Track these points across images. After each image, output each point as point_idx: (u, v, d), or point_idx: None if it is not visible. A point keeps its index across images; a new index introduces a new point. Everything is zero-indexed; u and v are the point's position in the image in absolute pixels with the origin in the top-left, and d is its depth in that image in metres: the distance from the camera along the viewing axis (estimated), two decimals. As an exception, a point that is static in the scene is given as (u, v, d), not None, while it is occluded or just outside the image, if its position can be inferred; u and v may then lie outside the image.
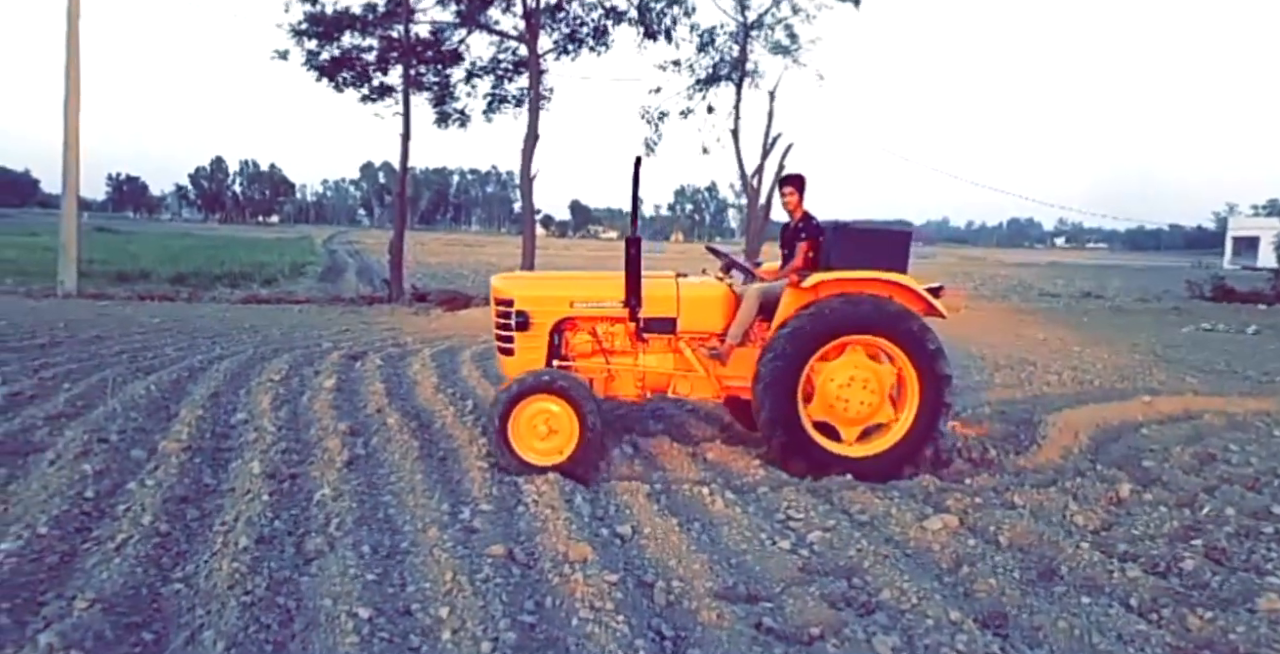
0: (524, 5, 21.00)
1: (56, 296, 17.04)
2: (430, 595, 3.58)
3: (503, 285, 6.15)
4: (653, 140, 24.43)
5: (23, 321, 12.24)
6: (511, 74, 22.60)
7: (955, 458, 6.41)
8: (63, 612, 3.24)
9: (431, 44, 21.77)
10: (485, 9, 21.35)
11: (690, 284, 6.24)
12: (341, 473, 5.22)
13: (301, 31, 20.29)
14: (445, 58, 22.01)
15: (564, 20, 21.59)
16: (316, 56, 20.65)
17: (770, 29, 23.57)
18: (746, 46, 23.62)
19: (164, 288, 19.92)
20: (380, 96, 21.80)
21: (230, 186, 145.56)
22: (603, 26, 21.59)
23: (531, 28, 21.01)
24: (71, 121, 17.40)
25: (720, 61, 23.83)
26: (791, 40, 23.52)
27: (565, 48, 21.84)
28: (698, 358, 6.12)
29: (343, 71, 21.09)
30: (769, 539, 4.36)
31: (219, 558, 3.84)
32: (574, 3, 21.29)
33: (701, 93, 24.14)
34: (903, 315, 5.73)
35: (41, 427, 5.95)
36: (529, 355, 5.96)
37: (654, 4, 21.55)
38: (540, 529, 4.43)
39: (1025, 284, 34.67)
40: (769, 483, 5.45)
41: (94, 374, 8.03)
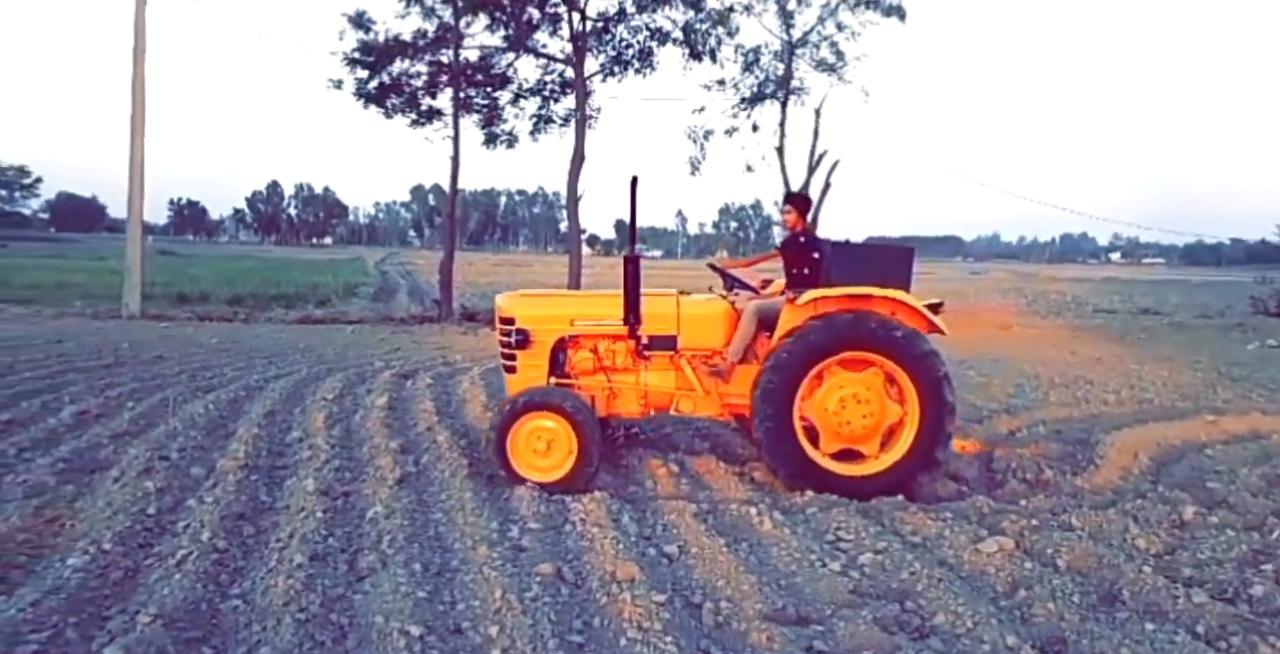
0: (571, 29, 21.32)
1: (121, 318, 17.62)
2: (480, 614, 3.61)
3: (505, 304, 6.25)
4: (697, 159, 24.53)
5: (89, 343, 12.69)
6: (558, 95, 22.91)
7: (1010, 479, 6.28)
8: (127, 626, 3.33)
9: (480, 68, 22.18)
10: (533, 33, 21.71)
11: (691, 301, 6.27)
12: (393, 490, 5.30)
13: (354, 60, 20.84)
14: (493, 81, 22.40)
15: (610, 43, 21.85)
16: (366, 85, 21.16)
17: (815, 47, 23.59)
18: (791, 65, 23.66)
19: (222, 309, 20.47)
20: (429, 120, 22.24)
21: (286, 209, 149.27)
22: (648, 48, 21.81)
23: (578, 51, 21.30)
24: (137, 150, 18.06)
25: (765, 80, 23.88)
26: (837, 57, 23.51)
27: (611, 70, 22.08)
28: (698, 375, 6.14)
29: (391, 97, 21.58)
30: (819, 560, 4.31)
31: (275, 574, 3.91)
32: (620, 26, 21.55)
33: (746, 111, 24.21)
34: (895, 331, 5.65)
35: (107, 445, 6.14)
36: (530, 373, 6.04)
37: (699, 25, 21.71)
38: (588, 548, 4.44)
39: (1079, 300, 33.90)
40: (818, 503, 5.38)
41: (156, 393, 8.28)
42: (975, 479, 6.35)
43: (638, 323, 5.99)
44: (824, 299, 5.74)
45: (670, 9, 21.18)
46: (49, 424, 6.72)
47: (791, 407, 5.65)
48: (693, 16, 21.57)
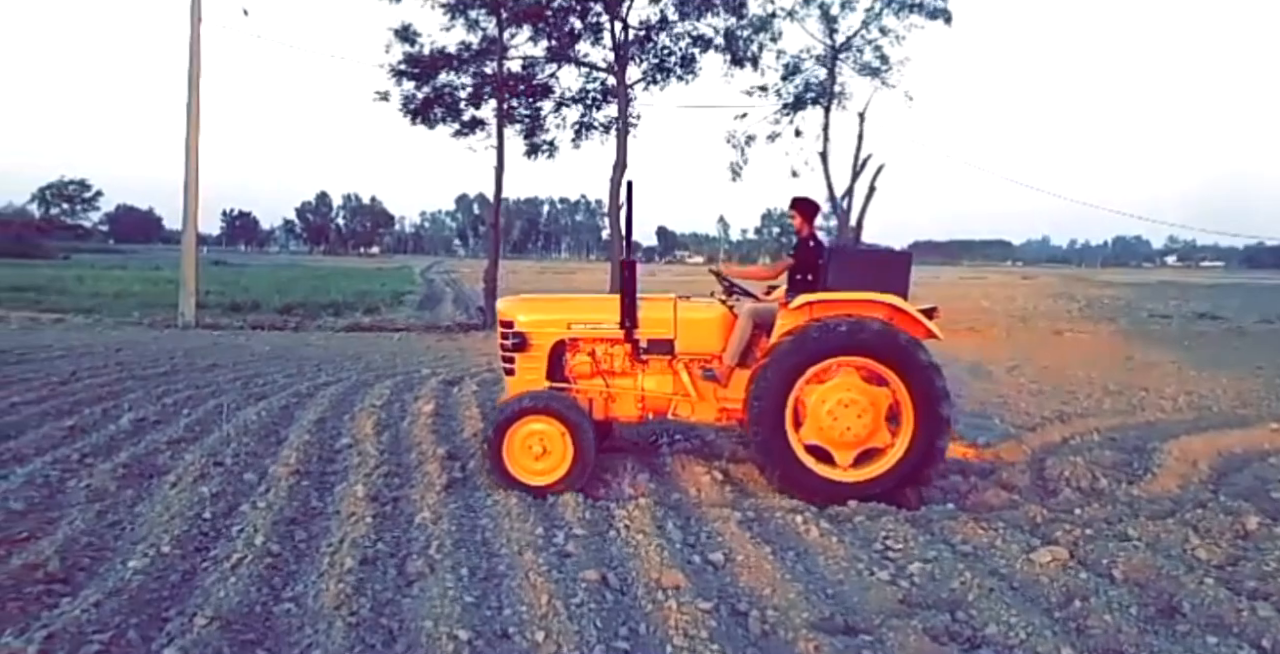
0: (613, 38, 21.46)
1: (176, 327, 18.09)
2: (527, 619, 3.63)
3: (505, 307, 6.31)
4: (739, 164, 24.50)
5: (146, 351, 13.05)
6: (599, 103, 23.04)
7: (1063, 487, 6.14)
8: (184, 628, 3.41)
9: (523, 78, 22.40)
10: (575, 43, 21.89)
11: (688, 306, 6.26)
12: (440, 496, 5.36)
13: (400, 72, 21.18)
14: (536, 91, 22.61)
15: (652, 51, 21.94)
16: (412, 100, 21.47)
17: (859, 51, 23.45)
18: (835, 69, 23.52)
19: (273, 317, 20.90)
20: (472, 131, 22.51)
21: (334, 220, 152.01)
22: (690, 55, 21.86)
23: (620, 59, 21.42)
24: (192, 165, 18.55)
25: (807, 85, 23.77)
26: (881, 61, 23.35)
27: (653, 77, 22.16)
28: (694, 380, 6.12)
29: (435, 108, 21.87)
30: (866, 569, 4.25)
31: (326, 578, 3.98)
32: (662, 33, 21.63)
33: (789, 116, 24.13)
34: (891, 336, 5.57)
35: (164, 450, 6.30)
36: (529, 376, 6.09)
37: (741, 31, 21.70)
38: (633, 555, 4.45)
39: (1134, 305, 33.07)
40: (865, 512, 5.32)
41: (210, 400, 8.48)
42: (1027, 488, 6.22)
43: (634, 327, 6.02)
44: (818, 304, 5.71)
45: (712, 16, 21.22)
46: (109, 430, 6.92)
47: (784, 413, 5.60)
48: (734, 23, 21.59)
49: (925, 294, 28.34)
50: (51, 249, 66.80)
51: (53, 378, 9.64)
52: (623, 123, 21.57)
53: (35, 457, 6.02)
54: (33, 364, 10.93)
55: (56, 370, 10.29)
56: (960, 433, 8.03)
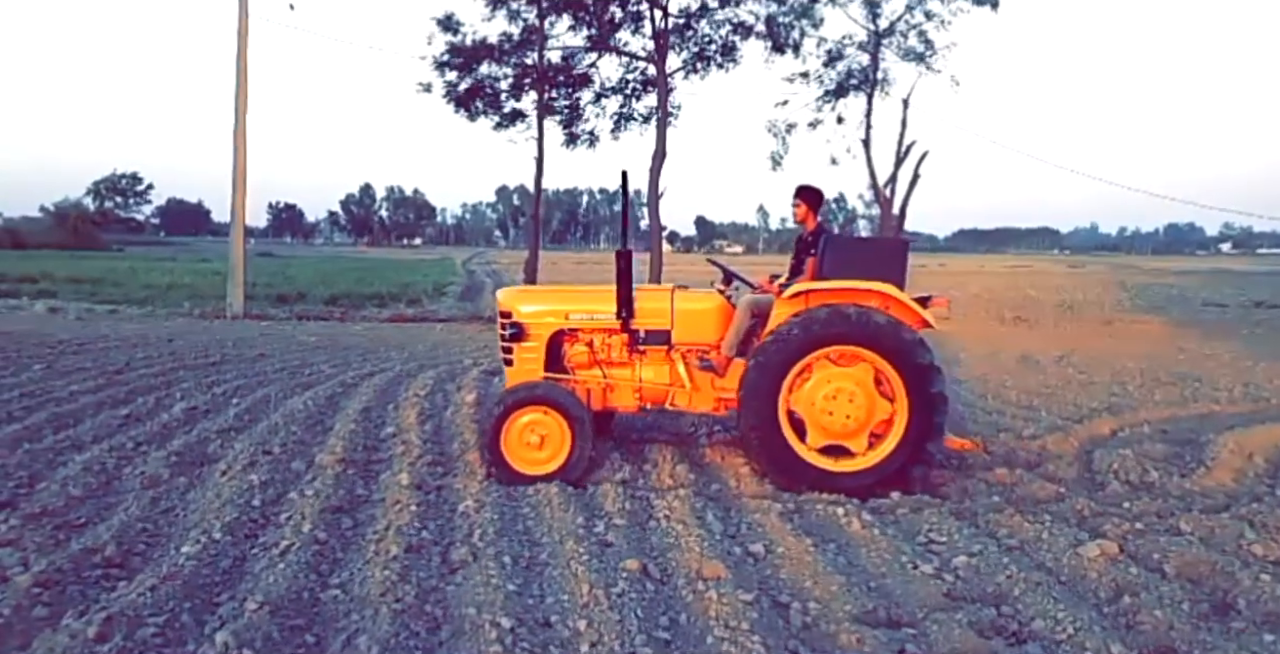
0: (653, 26, 21.37)
1: (225, 318, 18.49)
2: (569, 608, 3.65)
3: (503, 298, 6.32)
4: (779, 153, 24.28)
5: (197, 341, 13.36)
6: (639, 93, 22.98)
7: (1111, 480, 6.01)
8: (235, 612, 3.49)
9: (563, 69, 22.44)
10: (615, 32, 21.84)
11: (684, 296, 6.22)
12: (483, 485, 5.42)
13: (443, 63, 21.32)
14: (575, 81, 22.63)
15: (692, 39, 21.81)
16: (455, 87, 21.63)
17: (903, 36, 23.07)
18: (878, 55, 23.17)
19: (319, 308, 21.27)
20: (512, 122, 22.61)
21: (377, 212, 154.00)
22: (730, 43, 21.70)
23: (660, 48, 21.33)
24: (240, 158, 18.89)
25: (850, 72, 23.46)
26: (926, 47, 22.94)
27: (693, 66, 22.04)
28: (691, 370, 6.10)
29: (476, 100, 22.01)
30: (910, 562, 4.21)
31: (371, 566, 4.04)
32: (703, 21, 21.49)
33: (830, 104, 23.85)
34: (884, 325, 5.49)
35: (214, 439, 6.45)
36: (527, 366, 6.10)
37: (782, 18, 21.48)
38: (673, 545, 4.45)
39: (1187, 293, 32.23)
40: (908, 504, 5.27)
41: (258, 390, 8.65)
42: (1074, 480, 6.10)
43: (631, 317, 6.02)
44: (812, 293, 5.66)
45: (753, 2, 21.03)
46: (162, 419, 7.09)
47: (776, 403, 5.56)
48: (776, 9, 21.39)
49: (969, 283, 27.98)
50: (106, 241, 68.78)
51: (109, 367, 9.91)
52: (662, 113, 21.49)
53: (93, 444, 6.20)
54: (90, 354, 11.25)
55: (112, 360, 10.59)
56: (1007, 424, 7.91)
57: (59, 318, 17.69)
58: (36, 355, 10.76)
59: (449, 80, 21.69)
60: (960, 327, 19.82)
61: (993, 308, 25.08)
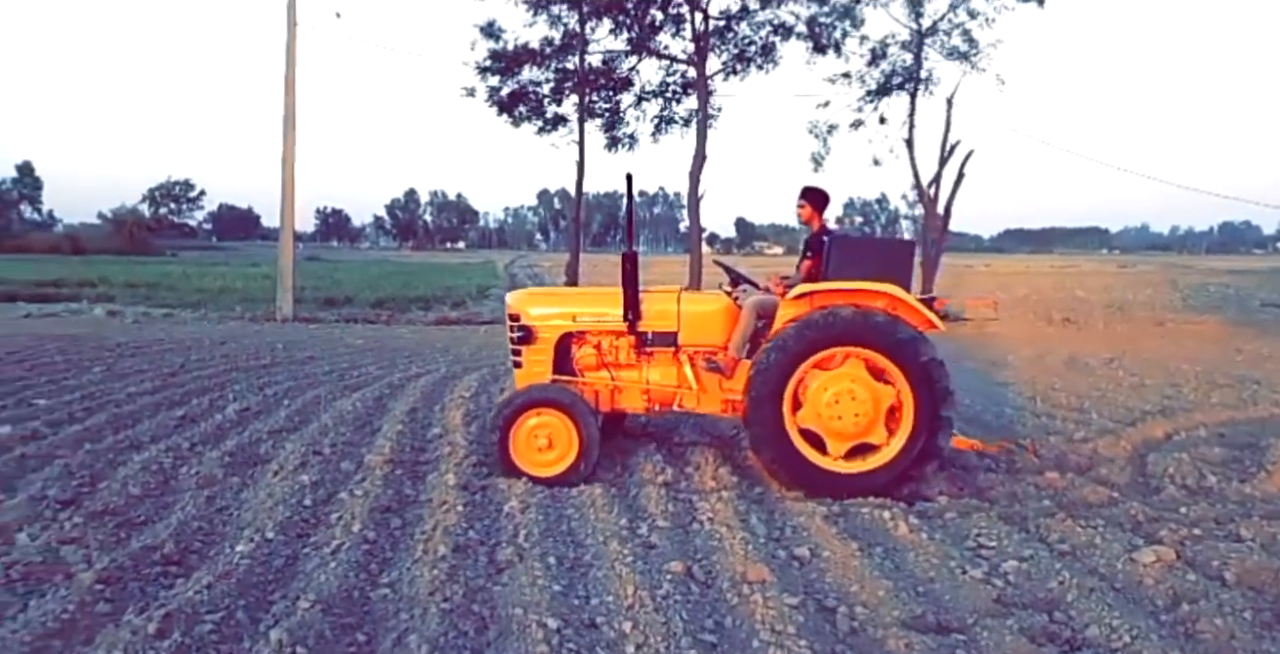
0: (693, 29, 21.38)
1: (275, 321, 18.86)
2: (614, 609, 3.67)
3: (512, 301, 6.35)
4: (820, 154, 24.12)
5: (249, 344, 13.66)
6: (679, 96, 23.00)
7: (1167, 485, 5.87)
8: (289, 610, 3.57)
9: (603, 72, 22.56)
10: (655, 35, 21.90)
11: (691, 298, 6.22)
12: (527, 486, 5.45)
13: (485, 68, 21.56)
14: (616, 85, 22.73)
15: (733, 40, 21.79)
16: (497, 92, 21.86)
17: (946, 35, 22.75)
18: (921, 54, 22.90)
19: (366, 311, 21.60)
20: (554, 127, 22.78)
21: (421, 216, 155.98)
22: (771, 44, 21.64)
23: (700, 50, 21.35)
24: (289, 166, 19.27)
25: (893, 71, 23.22)
26: (970, 45, 22.59)
27: (734, 68, 22.01)
28: (697, 372, 6.09)
29: (519, 105, 22.22)
30: (959, 567, 4.15)
31: (420, 565, 4.10)
32: (743, 22, 21.46)
33: (873, 104, 23.63)
34: (881, 324, 5.43)
35: (266, 440, 6.59)
36: (535, 368, 6.14)
37: (824, 18, 21.35)
38: (717, 548, 4.44)
39: (1243, 293, 31.30)
40: (956, 508, 5.20)
41: (308, 391, 8.82)
42: (1128, 485, 5.98)
43: (638, 319, 6.03)
44: (816, 294, 5.62)
45: (794, 3, 20.94)
46: (216, 420, 7.26)
47: (781, 405, 5.52)
48: (817, 9, 21.27)
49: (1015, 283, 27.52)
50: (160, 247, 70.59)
51: (164, 369, 10.18)
52: (702, 115, 21.49)
53: (150, 444, 6.37)
54: (146, 356, 11.56)
55: (167, 362, 10.87)
56: (1057, 428, 7.77)
57: (117, 321, 18.19)
58: (96, 358, 11.09)
59: (491, 85, 21.94)
60: (1007, 328, 19.51)
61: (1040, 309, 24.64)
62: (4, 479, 5.31)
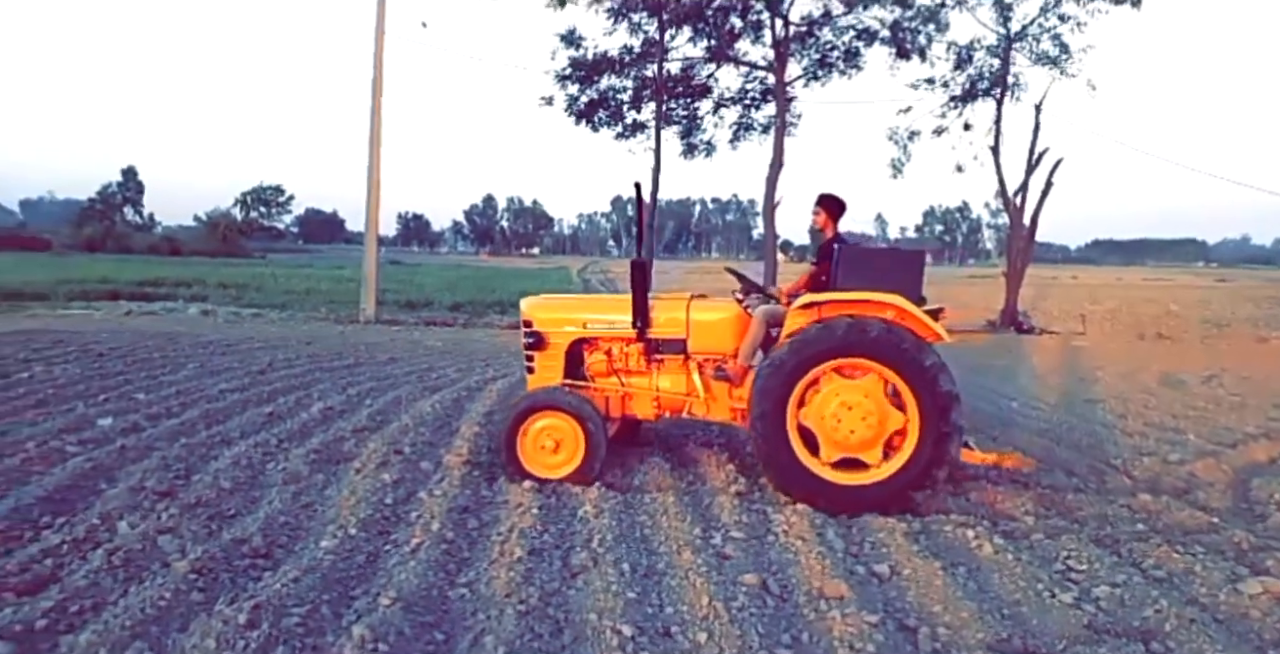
0: (773, 35, 21.27)
1: (359, 323, 19.40)
2: (688, 619, 3.65)
3: (525, 307, 6.41)
4: (900, 161, 23.70)
5: (332, 345, 14.08)
6: (758, 103, 22.89)
7: (1273, 511, 5.55)
8: (370, 607, 3.65)
9: (682, 79, 22.61)
10: (735, 42, 21.86)
11: (700, 306, 6.18)
12: (600, 491, 5.47)
13: (565, 77, 21.83)
14: (695, 92, 22.76)
15: (814, 46, 21.60)
16: (576, 101, 22.11)
17: (1035, 40, 22.13)
18: (1009, 60, 22.30)
19: (444, 314, 22.06)
20: (633, 133, 22.91)
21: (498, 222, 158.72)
22: (854, 49, 21.37)
23: (780, 57, 21.21)
24: (374, 173, 19.82)
25: (979, 77, 22.68)
26: (1060, 50, 21.93)
27: (815, 74, 21.81)
28: (705, 380, 6.06)
29: (598, 112, 22.43)
30: (1047, 590, 4.00)
31: (497, 567, 4.15)
32: (825, 28, 21.25)
33: (957, 110, 23.12)
34: (892, 337, 5.28)
35: (349, 439, 6.77)
36: (546, 373, 6.21)
37: (908, 23, 20.98)
38: (792, 561, 4.38)
39: (1358, 310, 29.49)
40: (1044, 529, 5.01)
41: (389, 392, 9.04)
42: (1228, 510, 5.68)
43: (646, 326, 6.05)
44: (824, 304, 5.53)
45: (878, 8, 20.65)
46: (302, 418, 7.50)
47: (785, 416, 5.43)
48: (901, 14, 20.92)
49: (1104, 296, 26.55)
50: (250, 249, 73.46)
51: (253, 367, 10.56)
52: (780, 122, 21.34)
53: (240, 440, 6.61)
54: (236, 354, 12.01)
55: (256, 361, 11.28)
56: (1150, 448, 7.44)
57: (209, 320, 18.97)
58: (190, 355, 11.58)
59: (570, 94, 22.19)
60: (1096, 343, 18.81)
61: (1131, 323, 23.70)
62: (106, 469, 5.57)
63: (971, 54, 22.51)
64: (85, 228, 70.75)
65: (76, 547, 4.26)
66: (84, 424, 6.85)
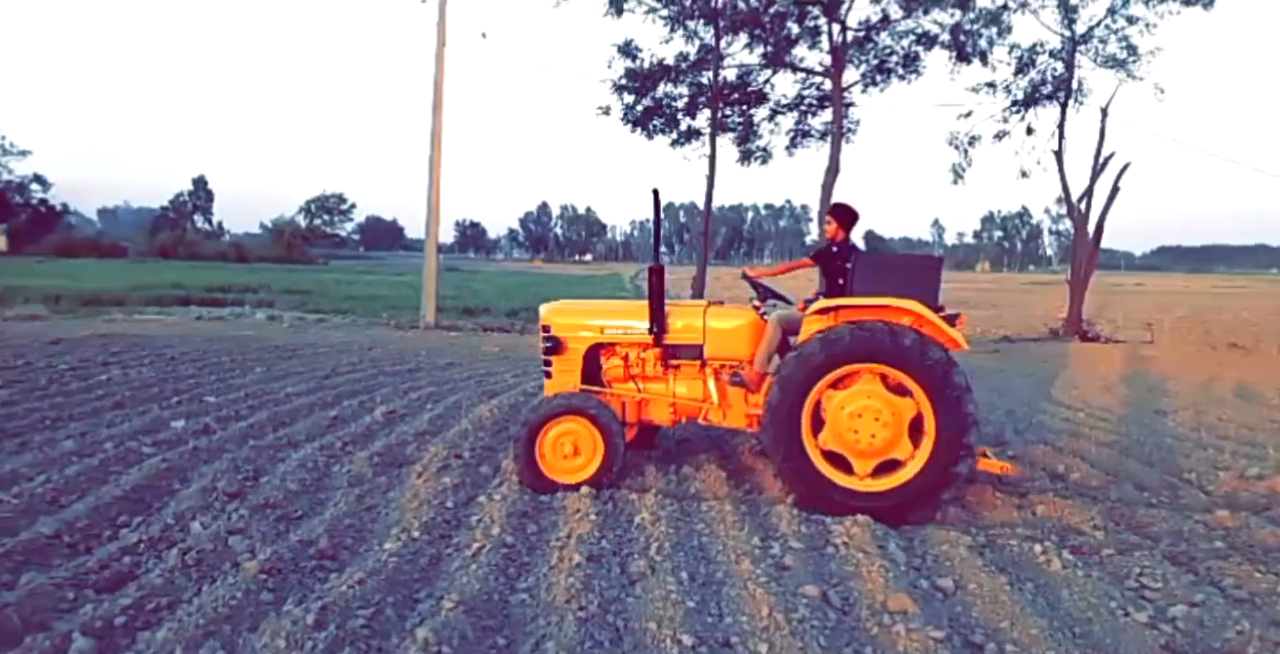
0: (830, 41, 21.09)
1: (418, 328, 19.72)
2: (748, 630, 3.62)
3: (544, 312, 6.41)
4: (961, 166, 23.25)
5: (393, 350, 14.33)
6: (815, 109, 22.71)
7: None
8: (433, 610, 3.70)
9: (738, 86, 22.55)
10: (792, 48, 21.73)
11: (716, 312, 6.17)
12: (657, 498, 5.46)
13: (621, 86, 21.94)
14: (751, 98, 22.67)
15: (872, 51, 21.36)
16: (632, 109, 22.20)
17: (1102, 43, 21.55)
18: (1073, 63, 21.77)
19: (500, 320, 22.30)
20: (688, 141, 22.91)
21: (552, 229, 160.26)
22: (913, 53, 21.08)
23: (837, 62, 21.03)
24: (435, 180, 20.16)
25: (1042, 81, 22.18)
26: (1128, 53, 21.32)
27: (873, 79, 21.56)
28: (720, 386, 6.03)
29: (653, 119, 22.49)
30: (1120, 609, 3.87)
31: (556, 572, 4.17)
32: (883, 33, 21.01)
33: (1019, 114, 22.63)
34: (909, 343, 5.19)
35: (411, 442, 6.88)
36: (564, 378, 6.22)
37: (969, 26, 20.63)
38: (853, 574, 4.32)
39: None
40: (1115, 545, 4.86)
41: (449, 397, 9.17)
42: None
43: (663, 332, 6.05)
44: (839, 310, 5.48)
45: (938, 11, 20.35)
46: (365, 421, 7.65)
47: (800, 422, 5.37)
48: (962, 17, 20.57)
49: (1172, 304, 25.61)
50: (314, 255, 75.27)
51: (318, 372, 10.82)
52: (838, 128, 21.13)
53: (305, 443, 6.77)
54: (301, 359, 12.32)
55: (320, 365, 11.54)
56: (1226, 462, 7.16)
57: (276, 325, 19.47)
58: (258, 359, 11.91)
59: (627, 103, 22.29)
60: (1165, 353, 18.21)
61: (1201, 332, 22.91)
62: (179, 470, 5.75)
63: (1034, 57, 22.03)
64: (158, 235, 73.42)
65: (152, 545, 4.41)
66: (158, 426, 7.09)
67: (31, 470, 5.53)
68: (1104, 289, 37.87)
